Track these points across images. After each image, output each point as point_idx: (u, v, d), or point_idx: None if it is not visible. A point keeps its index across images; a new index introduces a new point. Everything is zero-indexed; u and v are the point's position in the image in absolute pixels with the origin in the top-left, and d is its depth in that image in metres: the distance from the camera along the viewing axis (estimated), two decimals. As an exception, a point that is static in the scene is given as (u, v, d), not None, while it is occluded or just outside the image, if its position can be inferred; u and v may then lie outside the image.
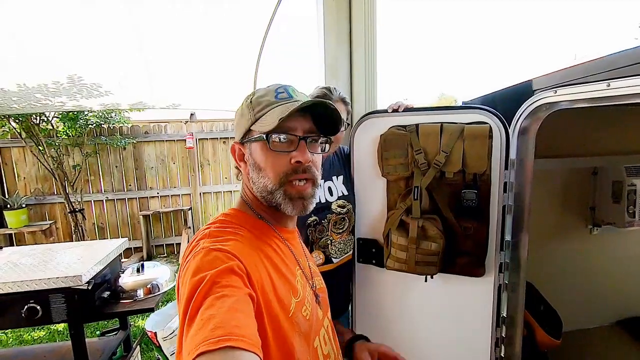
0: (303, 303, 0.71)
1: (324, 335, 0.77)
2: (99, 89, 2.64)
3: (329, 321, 0.82)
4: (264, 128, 0.67)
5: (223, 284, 0.54)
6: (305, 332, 0.68)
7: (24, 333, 2.98)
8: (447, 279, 1.23)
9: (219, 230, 0.67)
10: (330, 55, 1.50)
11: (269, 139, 0.67)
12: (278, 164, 0.68)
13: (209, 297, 0.53)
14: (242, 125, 0.72)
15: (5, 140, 4.30)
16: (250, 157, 0.72)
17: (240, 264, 0.59)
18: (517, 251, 1.19)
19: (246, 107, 0.72)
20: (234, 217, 0.72)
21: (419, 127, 1.18)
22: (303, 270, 0.77)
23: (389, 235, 1.22)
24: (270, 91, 0.72)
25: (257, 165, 0.70)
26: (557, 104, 1.03)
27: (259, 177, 0.70)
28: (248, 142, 0.72)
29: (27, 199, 4.43)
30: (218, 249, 0.60)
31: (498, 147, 1.14)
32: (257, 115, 0.69)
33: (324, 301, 0.82)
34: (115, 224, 4.83)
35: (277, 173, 0.68)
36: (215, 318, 0.49)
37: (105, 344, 1.90)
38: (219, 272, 0.56)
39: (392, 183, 1.26)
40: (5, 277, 1.50)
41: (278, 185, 0.69)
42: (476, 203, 1.14)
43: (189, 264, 0.60)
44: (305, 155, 0.68)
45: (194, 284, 0.55)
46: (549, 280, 1.59)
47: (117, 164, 4.77)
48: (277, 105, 0.68)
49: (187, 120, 5.01)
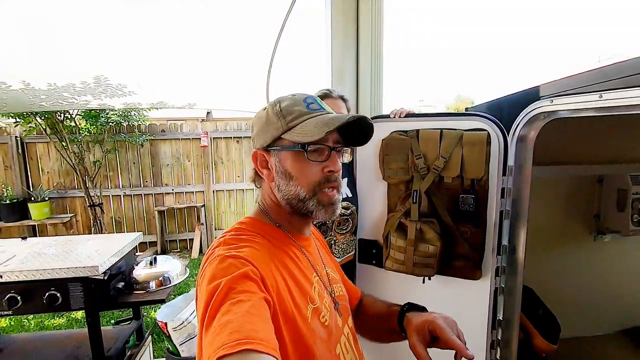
0: (320, 310, 0.70)
1: (345, 342, 0.76)
2: (123, 89, 2.77)
3: (350, 329, 0.81)
4: (304, 138, 0.67)
5: (239, 290, 0.55)
6: (325, 339, 0.68)
7: (44, 319, 3.14)
8: (444, 281, 1.27)
9: (234, 238, 0.68)
10: (337, 60, 1.55)
11: (307, 149, 0.68)
12: (311, 173, 0.70)
13: (225, 303, 0.54)
14: (269, 133, 0.71)
15: (32, 136, 4.51)
16: (278, 165, 0.71)
17: (254, 269, 0.60)
18: (514, 255, 1.21)
19: (274, 114, 0.71)
20: (249, 225, 0.73)
21: (419, 132, 1.22)
22: (320, 277, 0.77)
23: (388, 237, 1.26)
24: (299, 101, 0.72)
25: (287, 174, 0.70)
26: (555, 113, 1.06)
27: (289, 185, 0.70)
28: (276, 150, 0.71)
29: (50, 193, 4.64)
30: (233, 256, 0.61)
31: (496, 153, 1.17)
32: (289, 124, 0.69)
33: (344, 308, 0.81)
34: (132, 219, 5.00)
35: (310, 182, 0.70)
36: (233, 323, 0.50)
37: (119, 332, 2.00)
38: (234, 278, 0.57)
39: (392, 186, 1.30)
40: (29, 265, 1.61)
41: (312, 194, 0.70)
42: (473, 208, 1.17)
43: (205, 271, 0.62)
44: (336, 166, 0.71)
45: (210, 290, 0.56)
46: (550, 286, 1.60)
47: (135, 160, 4.93)
48: (314, 116, 0.69)
49: (203, 119, 5.14)
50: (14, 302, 1.55)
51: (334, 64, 1.54)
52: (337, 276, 0.88)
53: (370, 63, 1.53)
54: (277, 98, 0.75)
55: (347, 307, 0.84)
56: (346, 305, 0.83)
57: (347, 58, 1.55)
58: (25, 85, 2.60)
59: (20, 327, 3.02)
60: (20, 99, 2.85)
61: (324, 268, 0.82)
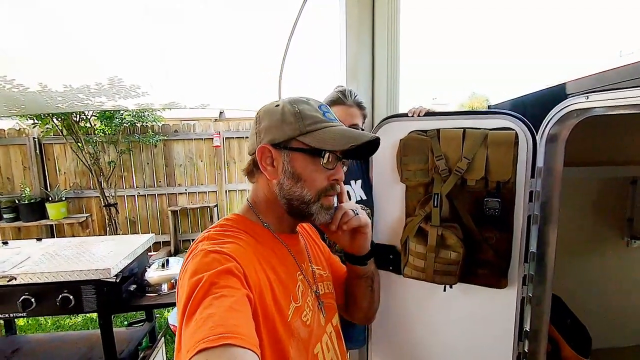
0: (303, 309, 0.71)
1: (327, 341, 0.77)
2: (137, 89, 2.78)
3: (334, 327, 0.82)
4: (325, 145, 0.69)
5: (221, 285, 0.55)
6: (305, 338, 0.69)
7: (60, 319, 3.18)
8: (467, 290, 1.20)
9: (218, 233, 0.69)
10: (351, 56, 1.49)
11: (325, 156, 0.71)
12: (320, 179, 0.72)
13: (207, 297, 0.54)
14: (282, 131, 0.71)
15: (49, 137, 4.60)
16: (287, 164, 0.71)
17: (238, 265, 0.60)
18: (543, 263, 1.14)
19: (291, 114, 0.71)
20: (235, 222, 0.74)
21: (440, 132, 1.15)
22: (306, 276, 0.78)
23: (407, 243, 1.20)
24: (315, 107, 0.73)
25: (296, 175, 0.71)
26: (590, 111, 0.98)
27: (296, 186, 0.71)
28: (287, 150, 0.71)
29: (66, 193, 4.72)
30: (216, 251, 0.61)
31: (524, 154, 1.09)
32: (308, 128, 0.70)
33: (328, 307, 0.82)
34: (146, 219, 5.05)
35: (317, 187, 0.72)
36: (214, 317, 0.50)
37: (132, 334, 1.99)
38: (217, 273, 0.57)
39: (411, 189, 1.23)
40: (43, 267, 1.61)
41: (316, 198, 0.72)
42: (499, 212, 1.10)
43: (187, 265, 0.62)
44: (341, 174, 0.75)
45: (192, 284, 0.56)
46: (579, 295, 1.51)
47: (149, 161, 4.98)
48: (333, 126, 0.72)
49: (215, 119, 5.15)
50: (28, 304, 1.55)
51: (348, 60, 1.48)
52: (326, 273, 0.88)
53: (386, 59, 1.47)
54: (290, 98, 0.74)
55: (333, 305, 0.85)
56: (332, 303, 0.85)
57: (361, 54, 1.49)
58: (42, 87, 2.63)
59: (37, 326, 3.07)
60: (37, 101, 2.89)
61: (310, 266, 0.83)
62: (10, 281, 1.54)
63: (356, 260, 0.88)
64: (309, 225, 0.96)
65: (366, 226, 0.83)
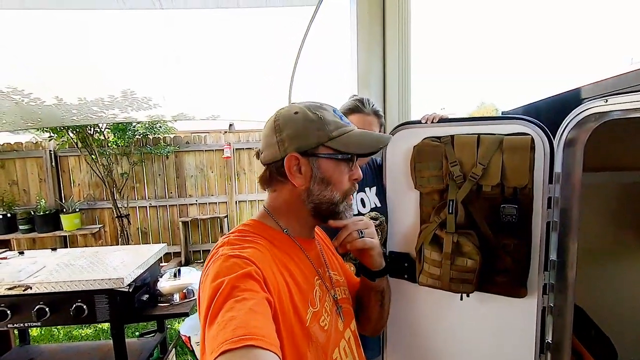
0: (321, 313, 0.72)
1: (345, 347, 0.76)
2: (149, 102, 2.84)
3: (352, 332, 0.82)
4: (350, 149, 0.73)
5: (242, 288, 0.56)
6: (323, 342, 0.69)
7: (72, 330, 3.19)
8: (484, 299, 1.16)
9: (237, 238, 0.70)
10: (362, 64, 1.50)
11: (353, 160, 0.76)
12: (345, 180, 0.76)
13: (229, 300, 0.55)
14: (309, 139, 0.71)
15: (64, 149, 4.71)
16: (317, 170, 0.72)
17: (257, 269, 0.61)
18: (564, 272, 1.10)
19: (315, 122, 0.72)
20: (253, 227, 0.75)
21: (454, 138, 1.14)
22: (323, 280, 0.79)
23: (422, 250, 1.18)
24: (331, 112, 0.75)
25: (325, 180, 0.73)
26: (608, 114, 0.96)
27: (324, 190, 0.73)
28: (316, 157, 0.72)
29: (80, 204, 4.80)
30: (236, 256, 0.62)
31: (541, 159, 1.07)
32: (333, 134, 0.72)
33: (346, 312, 0.82)
34: (157, 229, 5.09)
35: (344, 188, 0.76)
36: (236, 319, 0.51)
37: (144, 344, 1.98)
38: (238, 276, 0.58)
39: (425, 195, 1.22)
40: (57, 277, 1.62)
41: (343, 198, 0.76)
42: (516, 219, 1.07)
43: (208, 269, 0.63)
44: (360, 174, 0.79)
45: (214, 288, 0.57)
46: (602, 305, 1.45)
47: (160, 172, 5.04)
48: (352, 130, 0.75)
49: (225, 131, 5.21)
50: (42, 313, 1.56)
51: (359, 69, 1.49)
52: (342, 278, 0.88)
53: (398, 66, 1.47)
54: (307, 104, 0.75)
55: (351, 311, 0.85)
56: (349, 308, 0.85)
57: (373, 62, 1.50)
58: (58, 100, 2.71)
59: (50, 336, 3.08)
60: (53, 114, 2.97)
61: (327, 271, 0.83)
62: (25, 290, 1.56)
63: (366, 273, 0.88)
64: (323, 233, 0.96)
65: (371, 249, 0.82)
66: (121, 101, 2.81)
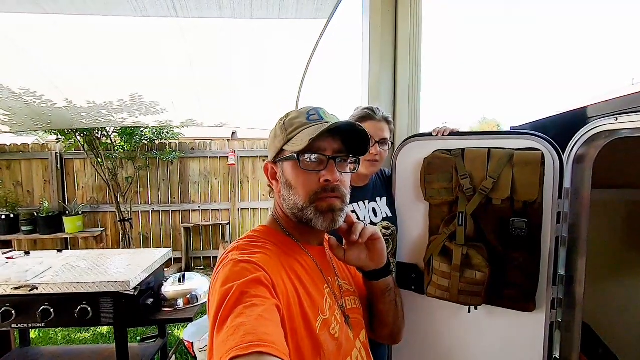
0: (330, 322, 0.71)
1: (357, 356, 0.75)
2: (156, 107, 2.87)
3: (362, 343, 0.80)
4: (295, 148, 0.70)
5: (252, 294, 0.57)
6: (333, 351, 0.68)
7: (71, 333, 3.17)
8: (492, 312, 1.17)
9: (247, 244, 0.70)
10: (373, 77, 1.53)
11: (300, 158, 0.70)
12: (308, 182, 0.71)
13: (238, 306, 0.55)
14: (274, 146, 0.75)
15: (70, 152, 4.73)
16: (282, 175, 0.75)
17: (266, 275, 0.61)
18: (572, 287, 1.11)
19: (279, 128, 0.75)
20: (262, 233, 0.75)
21: (464, 151, 1.16)
22: (332, 289, 0.77)
23: (431, 261, 1.18)
24: (302, 113, 0.75)
25: (288, 184, 0.73)
26: (618, 132, 0.98)
27: (290, 194, 0.73)
28: (280, 162, 0.75)
29: (83, 207, 4.80)
30: (246, 261, 0.63)
31: (551, 175, 1.09)
32: (289, 136, 0.72)
33: (355, 322, 0.80)
34: (158, 235, 5.07)
35: (307, 191, 0.71)
36: (245, 325, 0.51)
37: (145, 349, 1.97)
38: (247, 282, 0.58)
39: (435, 207, 1.23)
40: (64, 278, 1.62)
41: (309, 203, 0.71)
42: (526, 232, 1.08)
43: (218, 274, 0.63)
44: (334, 175, 0.71)
45: (223, 293, 0.57)
46: (609, 323, 1.45)
47: (164, 177, 5.05)
48: (309, 127, 0.72)
49: (228, 139, 5.24)
50: (47, 314, 1.56)
51: (370, 80, 1.52)
52: (352, 288, 0.87)
53: (408, 79, 1.50)
54: (287, 112, 0.78)
55: (360, 321, 0.83)
56: (359, 319, 0.83)
57: (383, 74, 1.53)
58: (68, 103, 2.75)
59: (48, 339, 3.06)
60: (63, 116, 3.01)
61: (336, 280, 0.82)
62: (31, 290, 1.56)
63: (377, 274, 0.85)
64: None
65: (376, 232, 0.82)
66: (130, 105, 2.85)
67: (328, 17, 2.01)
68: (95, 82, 2.53)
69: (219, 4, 1.82)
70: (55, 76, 2.40)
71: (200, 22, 2.00)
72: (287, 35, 2.20)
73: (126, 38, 2.07)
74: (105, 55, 2.25)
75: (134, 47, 2.19)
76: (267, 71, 2.62)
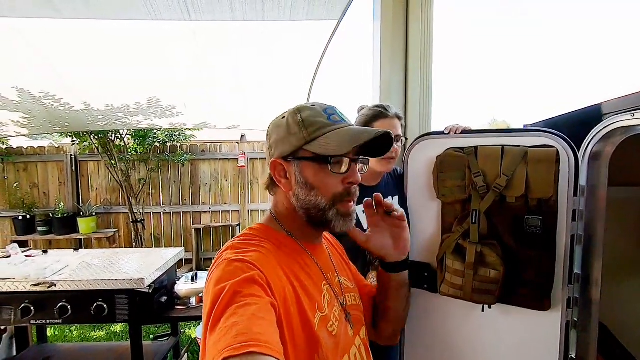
0: (329, 318, 0.70)
1: (356, 354, 0.75)
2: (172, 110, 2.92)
3: (362, 340, 0.80)
4: (328, 150, 0.68)
5: (245, 293, 0.56)
6: (332, 348, 0.67)
7: (86, 331, 3.22)
8: (506, 310, 1.16)
9: (242, 242, 0.69)
10: (385, 76, 1.54)
11: (331, 161, 0.69)
12: (333, 184, 0.71)
13: (231, 305, 0.54)
14: (289, 143, 0.71)
15: (85, 154, 4.84)
16: (299, 175, 0.71)
17: (261, 273, 0.60)
18: (588, 286, 1.09)
19: (295, 124, 0.71)
20: (259, 232, 0.74)
21: (477, 149, 1.16)
22: (332, 286, 0.77)
23: (444, 260, 1.18)
24: (319, 112, 0.72)
25: (308, 184, 0.71)
26: (635, 128, 0.96)
27: (309, 195, 0.71)
28: (296, 160, 0.72)
29: (97, 208, 4.90)
30: (240, 260, 0.62)
31: (566, 172, 1.08)
32: (312, 135, 0.69)
33: (356, 319, 0.80)
34: (170, 236, 5.14)
35: (331, 193, 0.71)
36: (239, 325, 0.50)
37: (158, 347, 2.00)
38: (240, 281, 0.57)
39: (447, 205, 1.23)
40: (81, 275, 1.66)
41: (332, 204, 0.71)
42: (541, 230, 1.07)
43: (212, 274, 0.63)
44: (357, 177, 0.72)
45: (216, 293, 0.56)
46: (626, 324, 1.42)
47: (176, 179, 5.13)
48: (336, 129, 0.70)
49: (237, 142, 5.29)
50: (64, 311, 1.60)
51: (382, 79, 1.52)
52: (352, 285, 0.87)
53: (420, 77, 1.50)
54: (296, 107, 0.75)
55: (361, 318, 0.83)
56: (359, 315, 0.83)
57: (395, 73, 1.54)
58: (86, 106, 2.81)
59: (63, 337, 3.11)
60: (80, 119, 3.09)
61: (336, 276, 0.81)
62: (50, 287, 1.60)
63: (398, 266, 0.85)
64: (333, 238, 0.96)
65: (403, 214, 0.83)
66: (146, 108, 2.91)
67: (339, 18, 2.02)
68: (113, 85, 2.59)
69: (231, 6, 1.85)
70: (73, 80, 2.46)
71: (212, 24, 2.03)
72: (298, 37, 2.22)
73: (141, 42, 2.12)
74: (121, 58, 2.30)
75: (148, 51, 2.23)
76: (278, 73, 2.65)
